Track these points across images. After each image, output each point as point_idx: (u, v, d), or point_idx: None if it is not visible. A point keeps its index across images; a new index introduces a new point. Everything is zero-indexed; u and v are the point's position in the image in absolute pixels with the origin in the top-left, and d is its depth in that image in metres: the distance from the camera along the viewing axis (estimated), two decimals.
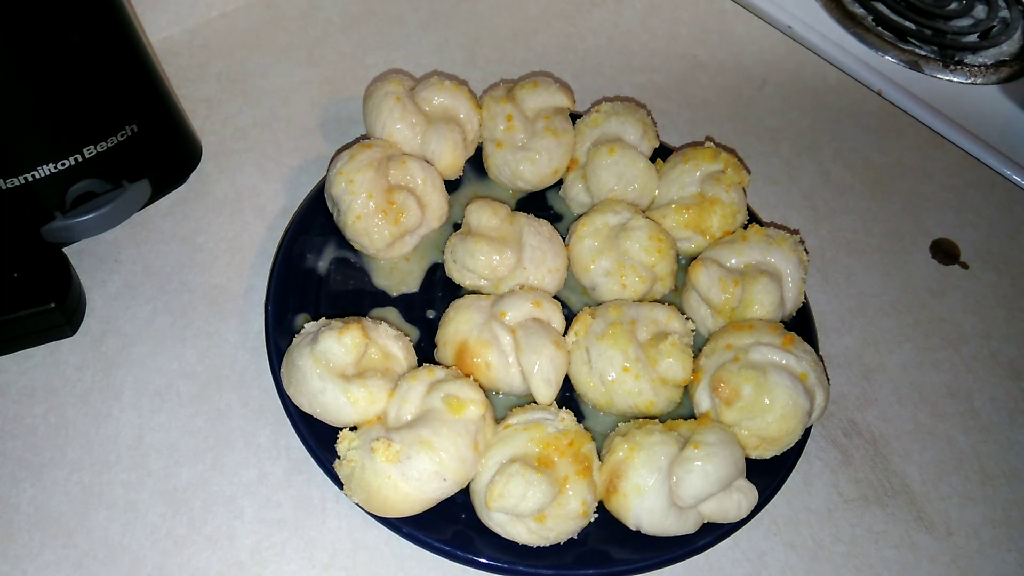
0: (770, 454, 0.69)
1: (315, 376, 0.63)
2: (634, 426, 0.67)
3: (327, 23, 1.04)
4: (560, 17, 1.10)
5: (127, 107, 0.74)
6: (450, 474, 0.61)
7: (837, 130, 1.03)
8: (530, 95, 0.84)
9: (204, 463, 0.69)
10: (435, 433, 0.61)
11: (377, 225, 0.75)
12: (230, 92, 0.95)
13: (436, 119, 0.82)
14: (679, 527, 0.64)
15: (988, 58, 1.14)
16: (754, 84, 1.07)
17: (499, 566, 0.62)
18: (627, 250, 0.76)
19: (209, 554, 0.65)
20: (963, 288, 0.90)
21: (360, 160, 0.75)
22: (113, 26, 0.71)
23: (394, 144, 0.79)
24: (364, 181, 0.74)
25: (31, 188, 0.71)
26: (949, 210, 0.97)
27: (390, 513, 0.62)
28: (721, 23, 1.14)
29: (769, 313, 0.74)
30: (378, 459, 0.60)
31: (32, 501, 0.66)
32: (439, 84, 0.83)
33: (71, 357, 0.74)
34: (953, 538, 0.73)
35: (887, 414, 0.80)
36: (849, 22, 1.15)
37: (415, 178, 0.78)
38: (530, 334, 0.69)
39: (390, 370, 0.67)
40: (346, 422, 0.65)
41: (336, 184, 0.75)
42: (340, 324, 0.65)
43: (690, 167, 0.82)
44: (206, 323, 0.77)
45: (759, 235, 0.77)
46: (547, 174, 0.83)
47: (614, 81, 1.04)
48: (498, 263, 0.74)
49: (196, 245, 0.82)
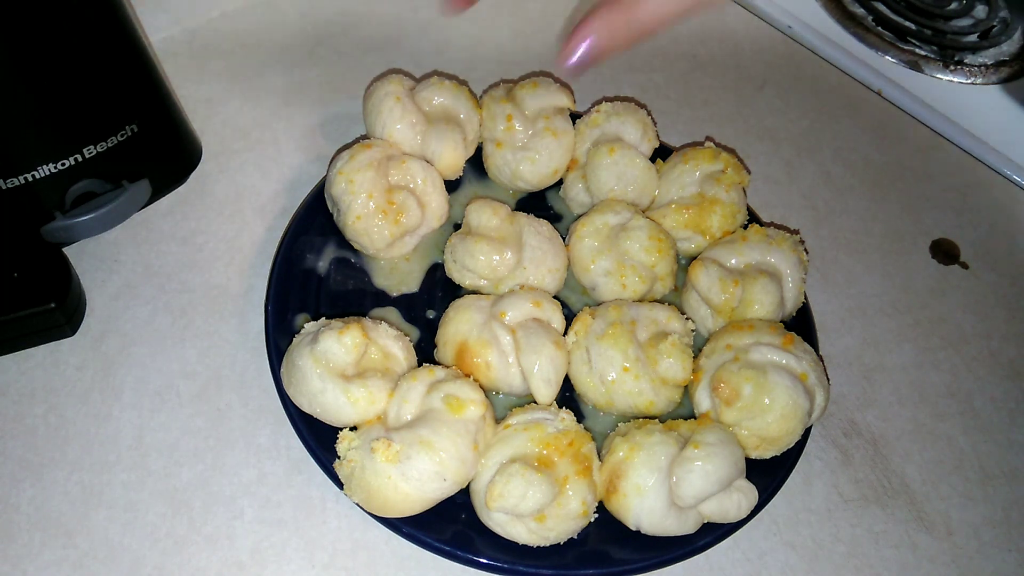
0: (770, 454, 0.69)
1: (315, 376, 0.63)
2: (634, 426, 0.67)
3: (327, 23, 1.04)
4: (560, 17, 1.10)
5: (127, 107, 0.74)
6: (450, 474, 0.61)
7: (837, 130, 1.03)
8: (530, 95, 0.84)
9: (204, 463, 0.69)
10: (435, 433, 0.61)
11: (377, 225, 0.75)
12: (230, 92, 0.95)
13: (436, 119, 0.82)
14: (679, 527, 0.64)
15: (988, 58, 1.14)
16: (754, 84, 1.07)
17: (499, 566, 0.62)
18: (627, 250, 0.76)
19: (209, 554, 0.65)
20: (963, 288, 0.90)
21: (360, 160, 0.75)
22: (113, 26, 0.71)
23: (394, 144, 0.79)
24: (364, 181, 0.74)
25: (31, 188, 0.71)
26: (949, 210, 0.97)
27: (390, 513, 0.62)
28: (721, 23, 1.14)
29: (769, 313, 0.74)
30: (378, 459, 0.60)
31: (32, 501, 0.66)
32: (439, 84, 0.83)
33: (71, 357, 0.74)
34: (953, 538, 0.73)
35: (887, 414, 0.80)
36: (849, 22, 1.15)
37: (415, 178, 0.78)
38: (530, 334, 0.69)
39: (390, 370, 0.67)
40: (346, 422, 0.65)
41: (336, 184, 0.75)
42: (340, 324, 0.65)
43: (690, 167, 0.82)
44: (206, 323, 0.77)
45: (759, 235, 0.77)
46: (547, 174, 0.83)
47: (614, 81, 1.04)
48: (498, 263, 0.74)
49: (196, 245, 0.82)
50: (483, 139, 0.85)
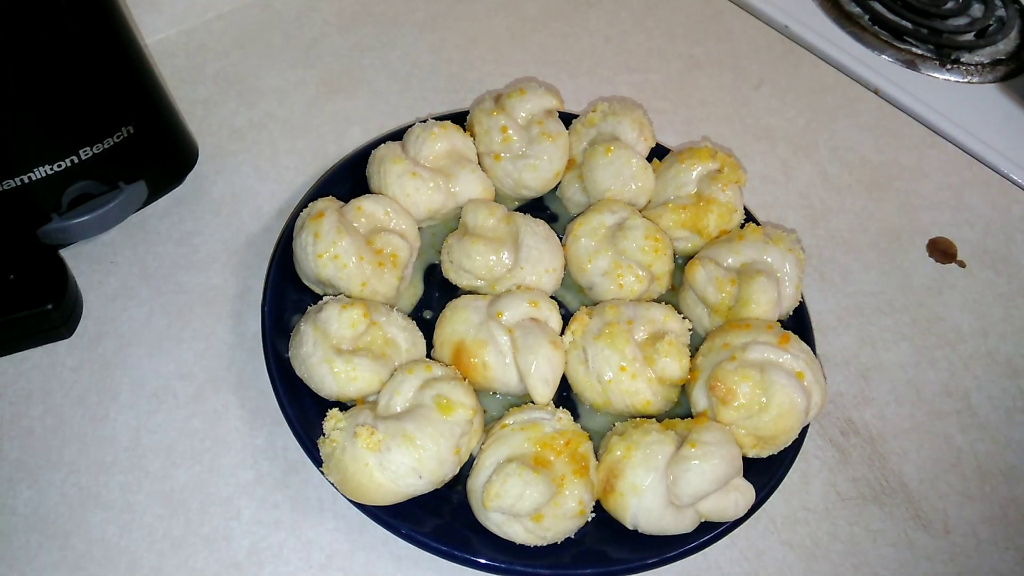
0: (767, 453, 0.69)
1: (310, 341, 0.66)
2: (631, 425, 0.67)
3: (323, 24, 1.04)
4: (557, 17, 1.11)
5: (123, 109, 0.74)
6: (426, 472, 0.61)
7: (834, 129, 1.03)
8: (519, 102, 0.83)
9: (201, 464, 0.69)
10: (419, 430, 0.61)
11: (382, 279, 0.73)
12: (226, 93, 0.95)
13: (445, 166, 0.80)
14: (676, 526, 0.64)
15: (984, 57, 1.14)
16: (751, 83, 1.07)
17: (496, 566, 0.62)
18: (624, 249, 0.76)
19: (206, 555, 0.65)
20: (960, 286, 0.90)
21: (327, 233, 0.70)
22: (109, 28, 0.71)
23: (330, 197, 0.76)
24: (347, 249, 0.70)
25: (27, 190, 0.71)
26: (946, 208, 0.97)
27: (362, 500, 0.62)
28: (718, 22, 1.14)
29: (766, 312, 0.74)
30: (359, 444, 0.60)
31: (29, 503, 0.66)
32: (428, 134, 0.80)
33: (68, 359, 0.74)
34: (951, 536, 0.73)
35: (884, 413, 0.80)
36: (846, 21, 1.15)
37: (376, 215, 0.75)
38: (527, 334, 0.69)
39: (387, 356, 0.68)
40: (328, 393, 0.66)
41: (324, 268, 0.71)
42: (348, 300, 0.67)
43: (687, 166, 0.82)
44: (203, 324, 0.77)
45: (756, 234, 0.77)
46: (550, 178, 0.83)
47: (611, 81, 1.04)
48: (494, 263, 0.74)
49: (193, 246, 0.82)
50: (480, 154, 0.84)
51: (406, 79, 1.00)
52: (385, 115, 0.96)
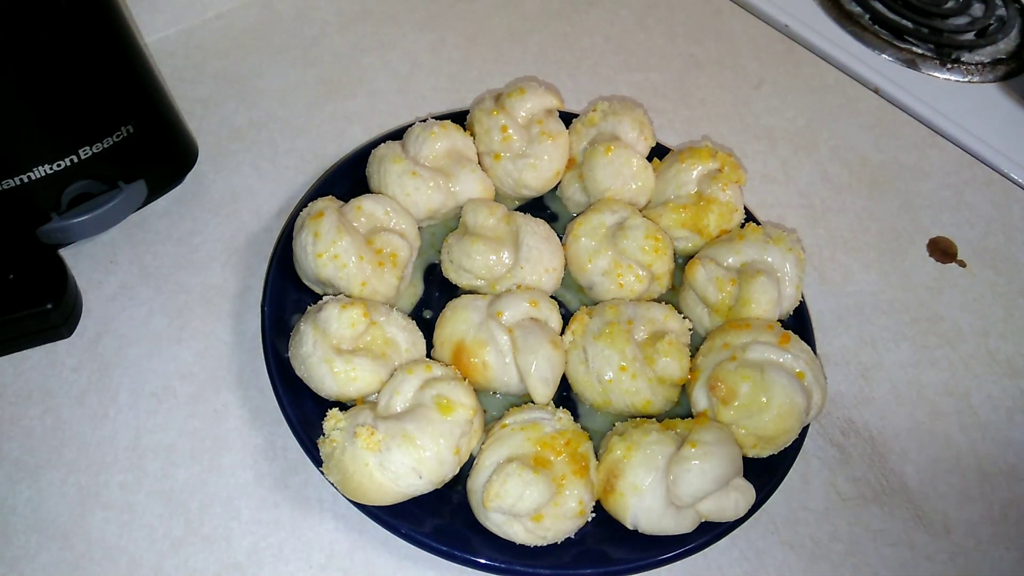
0: (768, 453, 0.69)
1: (309, 341, 0.66)
2: (631, 425, 0.67)
3: (323, 23, 1.04)
4: (557, 16, 1.10)
5: (123, 108, 0.74)
6: (426, 472, 0.61)
7: (834, 128, 1.03)
8: (519, 102, 0.83)
9: (201, 464, 0.69)
10: (419, 430, 0.61)
11: (383, 279, 0.73)
12: (226, 93, 0.95)
13: (444, 166, 0.80)
14: (676, 526, 0.64)
15: (985, 56, 1.14)
16: (751, 83, 1.07)
17: (496, 566, 0.62)
18: (624, 249, 0.76)
19: (206, 555, 0.65)
20: (960, 286, 0.90)
21: (327, 233, 0.70)
22: (108, 27, 0.71)
23: (330, 197, 0.76)
24: (347, 248, 0.70)
25: (27, 189, 0.71)
26: (946, 208, 0.97)
27: (362, 500, 0.62)
28: (718, 22, 1.14)
29: (766, 312, 0.74)
30: (359, 444, 0.60)
31: (29, 503, 0.66)
32: (428, 133, 0.80)
33: (67, 358, 0.74)
34: (951, 536, 0.73)
35: (885, 412, 0.80)
36: (846, 20, 1.15)
37: (376, 214, 0.75)
38: (527, 333, 0.69)
39: (387, 356, 0.68)
40: (328, 393, 0.66)
41: (324, 268, 0.70)
42: (348, 300, 0.67)
43: (687, 166, 0.82)
44: (203, 324, 0.77)
45: (756, 234, 0.77)
46: (550, 178, 0.83)
47: (611, 80, 1.04)
48: (494, 263, 0.74)
49: (192, 246, 0.82)
50: (480, 153, 0.84)
51: (406, 78, 1.00)
52: (385, 115, 0.96)
